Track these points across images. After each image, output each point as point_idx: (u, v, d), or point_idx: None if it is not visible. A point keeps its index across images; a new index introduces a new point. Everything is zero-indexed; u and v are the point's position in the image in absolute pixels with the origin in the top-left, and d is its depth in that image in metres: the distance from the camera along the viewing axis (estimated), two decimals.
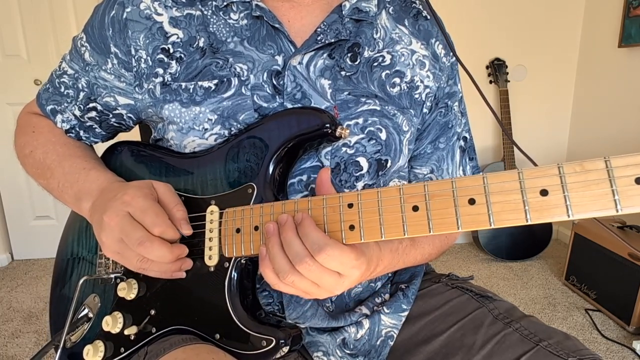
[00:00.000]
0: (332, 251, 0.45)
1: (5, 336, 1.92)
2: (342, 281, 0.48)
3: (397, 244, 0.61)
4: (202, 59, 0.60)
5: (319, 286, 0.48)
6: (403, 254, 0.62)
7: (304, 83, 0.60)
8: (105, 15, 0.63)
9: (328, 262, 0.46)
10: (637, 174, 0.34)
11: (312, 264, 0.46)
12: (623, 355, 1.72)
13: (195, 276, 0.58)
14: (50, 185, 0.67)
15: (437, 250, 0.69)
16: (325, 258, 0.45)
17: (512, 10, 2.59)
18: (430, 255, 0.68)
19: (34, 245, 2.71)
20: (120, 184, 0.60)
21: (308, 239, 0.46)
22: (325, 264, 0.46)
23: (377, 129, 0.62)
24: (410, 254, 0.64)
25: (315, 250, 0.45)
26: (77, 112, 0.68)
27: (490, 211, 0.39)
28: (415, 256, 0.65)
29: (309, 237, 0.46)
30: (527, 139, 2.72)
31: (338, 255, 0.46)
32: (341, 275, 0.48)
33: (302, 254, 0.46)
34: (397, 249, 0.61)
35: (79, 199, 0.62)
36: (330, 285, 0.48)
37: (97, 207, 0.58)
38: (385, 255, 0.58)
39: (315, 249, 0.45)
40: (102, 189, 0.61)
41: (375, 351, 0.65)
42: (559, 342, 0.57)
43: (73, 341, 0.66)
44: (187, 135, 0.61)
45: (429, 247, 0.67)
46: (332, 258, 0.45)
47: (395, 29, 0.66)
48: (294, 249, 0.46)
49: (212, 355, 0.52)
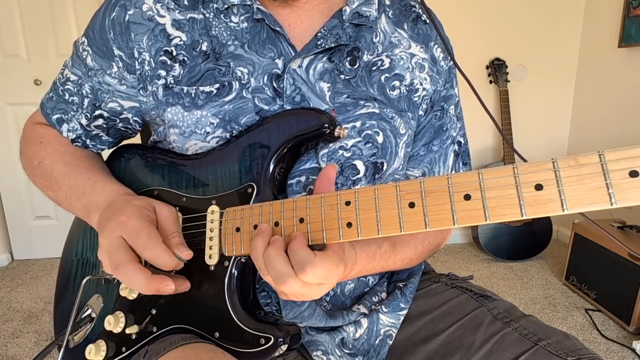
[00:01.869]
0: (315, 269, 0.46)
1: (5, 336, 1.93)
2: (323, 288, 0.50)
3: (375, 249, 0.61)
4: (205, 63, 0.60)
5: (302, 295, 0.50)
6: (382, 259, 0.63)
7: (303, 86, 0.60)
8: (105, 17, 0.62)
9: (311, 280, 0.47)
10: (631, 167, 0.34)
11: (294, 284, 0.47)
12: (623, 355, 1.72)
13: (196, 275, 0.58)
14: (59, 197, 0.67)
15: (419, 255, 0.69)
16: (308, 276, 0.46)
17: (512, 10, 2.59)
18: (411, 260, 0.68)
19: (34, 245, 2.71)
20: (124, 199, 0.59)
21: (294, 255, 0.47)
22: (308, 282, 0.47)
23: (375, 132, 0.62)
24: (390, 259, 0.64)
25: (299, 269, 0.46)
26: (83, 120, 0.68)
27: (486, 206, 0.39)
28: (395, 261, 0.65)
29: (295, 255, 0.47)
30: (527, 139, 2.72)
31: (320, 271, 0.47)
32: (322, 284, 0.49)
33: (285, 274, 0.47)
34: (374, 254, 0.61)
35: (89, 212, 0.63)
36: (311, 294, 0.50)
37: (100, 223, 0.59)
38: (361, 259, 0.59)
39: (299, 267, 0.46)
40: (108, 202, 0.60)
41: (374, 350, 0.65)
42: (558, 341, 0.57)
43: (76, 341, 0.66)
44: (190, 138, 0.61)
45: (410, 252, 0.67)
46: (314, 275, 0.46)
47: (394, 32, 0.66)
48: (275, 268, 0.47)
49: (211, 354, 0.52)
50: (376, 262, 0.62)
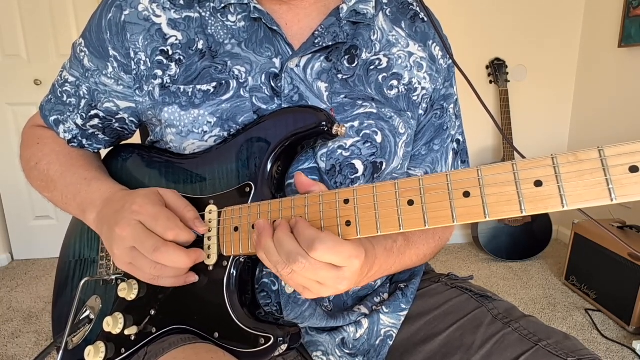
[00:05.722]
0: (324, 244, 0.44)
1: (5, 336, 1.92)
2: (343, 274, 0.46)
3: (391, 242, 0.60)
4: (201, 62, 0.60)
5: (321, 283, 0.47)
6: (398, 253, 0.62)
7: (301, 85, 0.60)
8: (102, 18, 0.62)
9: (322, 256, 0.44)
10: (631, 163, 0.34)
11: (305, 262, 0.44)
12: (623, 355, 1.72)
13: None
14: (55, 198, 0.67)
15: (431, 250, 0.69)
16: (318, 252, 0.44)
17: (512, 10, 2.59)
18: (425, 256, 0.68)
19: (34, 245, 2.71)
20: (125, 193, 0.59)
21: (301, 236, 0.46)
22: (319, 259, 0.44)
23: (373, 132, 0.62)
24: (405, 253, 0.63)
25: (309, 246, 0.44)
26: (78, 120, 0.68)
27: (485, 203, 0.39)
28: (410, 257, 0.65)
29: (302, 235, 0.46)
30: (527, 139, 2.72)
31: (332, 246, 0.44)
32: (339, 268, 0.46)
33: (295, 252, 0.45)
34: (391, 248, 0.60)
35: (84, 210, 0.62)
36: (331, 281, 0.46)
37: (104, 218, 0.58)
38: (379, 252, 0.57)
39: (309, 244, 0.44)
40: (105, 199, 0.60)
41: (375, 351, 0.65)
42: (558, 342, 0.57)
43: (75, 342, 0.66)
44: (187, 138, 0.61)
45: (424, 247, 0.67)
46: (325, 250, 0.44)
47: (392, 31, 0.66)
48: (285, 248, 0.45)
49: (210, 354, 0.52)
50: (394, 258, 0.61)
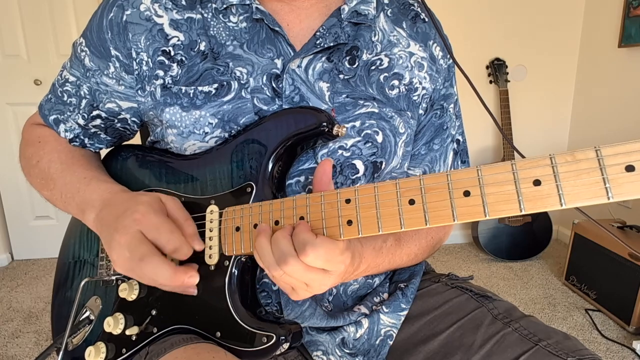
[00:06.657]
0: (316, 250, 0.46)
1: (5, 336, 1.93)
2: (329, 277, 0.49)
3: (380, 242, 0.61)
4: (203, 63, 0.60)
5: (307, 285, 0.49)
6: (388, 253, 0.62)
7: (302, 86, 0.60)
8: (103, 18, 0.62)
9: (312, 261, 0.46)
10: (627, 162, 0.35)
11: (295, 264, 0.46)
12: (623, 355, 1.72)
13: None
14: (54, 196, 0.67)
15: (423, 250, 0.69)
16: (309, 257, 0.46)
17: (512, 10, 2.59)
18: (416, 256, 0.68)
19: (34, 245, 2.71)
20: (126, 196, 0.59)
21: (297, 238, 0.47)
22: (309, 263, 0.46)
23: (374, 132, 0.62)
24: (395, 253, 0.64)
25: (301, 250, 0.46)
26: (80, 120, 0.68)
27: (485, 202, 0.40)
28: (401, 256, 0.65)
29: (297, 238, 0.47)
30: (527, 139, 2.72)
31: (323, 253, 0.46)
32: (327, 272, 0.48)
33: (287, 254, 0.46)
34: (380, 248, 0.61)
35: (82, 210, 0.62)
36: (317, 282, 0.49)
37: (104, 221, 0.58)
38: (367, 252, 0.58)
39: (301, 248, 0.46)
40: (104, 200, 0.60)
41: (375, 350, 0.65)
42: (558, 342, 0.57)
43: (75, 343, 0.66)
44: (188, 139, 0.61)
45: (415, 247, 0.67)
46: (317, 256, 0.46)
47: (393, 31, 0.66)
48: (280, 248, 0.47)
49: (212, 353, 0.52)
50: (383, 257, 0.62)
